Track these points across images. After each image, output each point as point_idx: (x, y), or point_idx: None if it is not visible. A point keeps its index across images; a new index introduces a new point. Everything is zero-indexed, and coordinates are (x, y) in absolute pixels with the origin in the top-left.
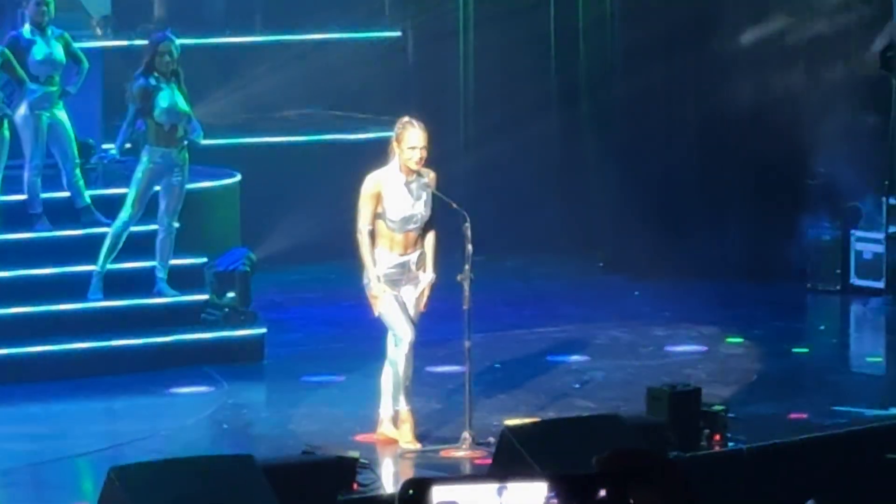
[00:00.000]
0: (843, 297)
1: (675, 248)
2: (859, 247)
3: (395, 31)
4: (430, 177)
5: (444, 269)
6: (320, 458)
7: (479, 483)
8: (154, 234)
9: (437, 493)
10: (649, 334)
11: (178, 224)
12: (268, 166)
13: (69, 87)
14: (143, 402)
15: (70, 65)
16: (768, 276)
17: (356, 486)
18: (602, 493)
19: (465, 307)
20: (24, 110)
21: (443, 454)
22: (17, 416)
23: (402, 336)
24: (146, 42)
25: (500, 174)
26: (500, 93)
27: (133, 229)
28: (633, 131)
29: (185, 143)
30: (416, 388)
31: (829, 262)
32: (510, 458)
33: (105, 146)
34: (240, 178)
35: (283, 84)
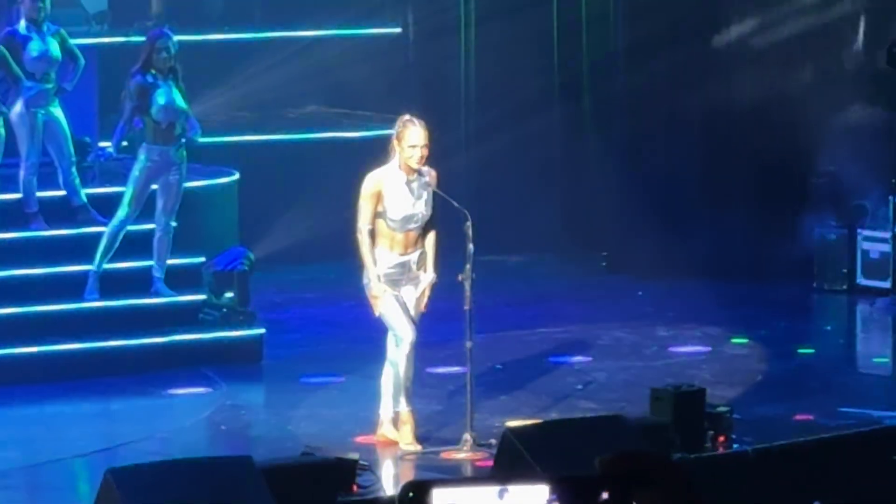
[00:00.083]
0: (849, 296)
1: (679, 247)
2: (866, 246)
3: (396, 28)
4: (431, 175)
5: (445, 268)
6: (320, 460)
7: (479, 485)
8: (151, 233)
9: (438, 496)
10: (653, 335)
11: (175, 223)
12: (266, 164)
13: (65, 84)
14: (140, 403)
15: (66, 62)
16: (774, 276)
17: (356, 488)
18: (604, 495)
19: (466, 307)
20: (19, 108)
21: (444, 456)
22: (12, 417)
23: (403, 336)
24: (143, 39)
25: (502, 171)
26: (501, 89)
27: (130, 228)
28: (636, 127)
29: (183, 141)
30: (417, 389)
31: (835, 261)
32: (512, 460)
33: (101, 144)
34: (238, 176)
35: (282, 81)
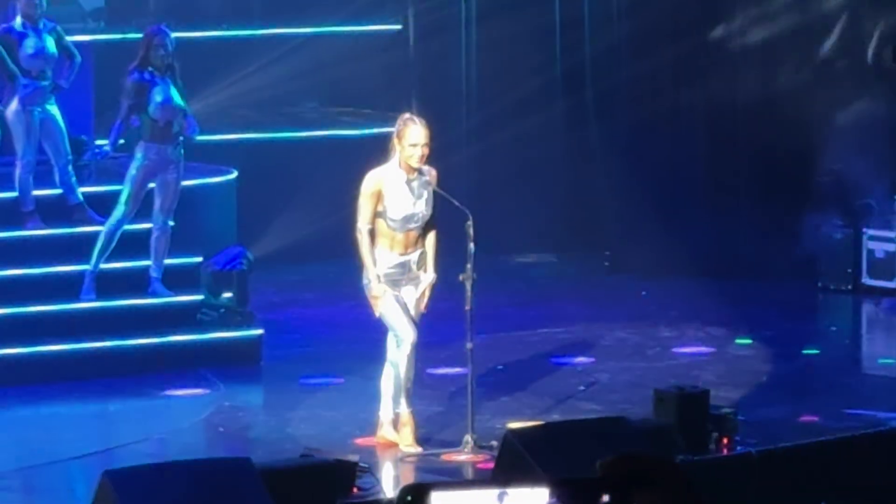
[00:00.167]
0: (854, 296)
1: (683, 246)
2: (871, 245)
3: (396, 24)
4: (432, 175)
5: (446, 268)
6: (319, 462)
7: (479, 488)
8: (148, 232)
9: (436, 499)
10: (656, 335)
11: (172, 222)
12: (265, 163)
13: (61, 82)
14: (137, 404)
15: (62, 59)
16: (778, 276)
17: (356, 490)
18: (605, 497)
19: (467, 307)
20: (15, 105)
21: (444, 458)
22: (7, 419)
23: (403, 337)
24: (140, 36)
25: (502, 168)
26: (503, 84)
27: (127, 228)
28: (638, 122)
29: (181, 139)
30: (417, 391)
31: (841, 260)
32: (513, 463)
33: (98, 142)
34: (236, 174)
35: (280, 79)
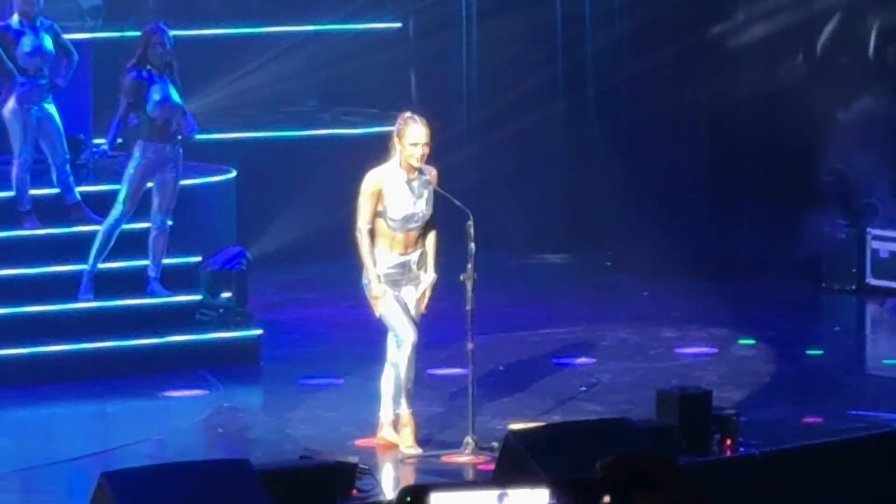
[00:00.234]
0: (858, 296)
1: (685, 246)
2: (875, 245)
3: (396, 22)
4: (432, 174)
5: (446, 268)
6: (318, 464)
7: (478, 489)
8: (146, 232)
9: (436, 501)
10: (658, 336)
11: (171, 222)
12: (264, 162)
13: (58, 80)
14: (135, 405)
15: (59, 57)
16: (781, 276)
17: (355, 492)
18: (606, 498)
19: (467, 308)
20: (12, 104)
21: (445, 459)
22: (5, 420)
23: (404, 337)
24: (138, 34)
25: (503, 167)
26: (504, 82)
27: (125, 227)
28: (640, 120)
29: (179, 137)
30: (418, 391)
31: (844, 260)
32: (514, 464)
33: (96, 141)
34: (235, 174)
35: (280, 77)
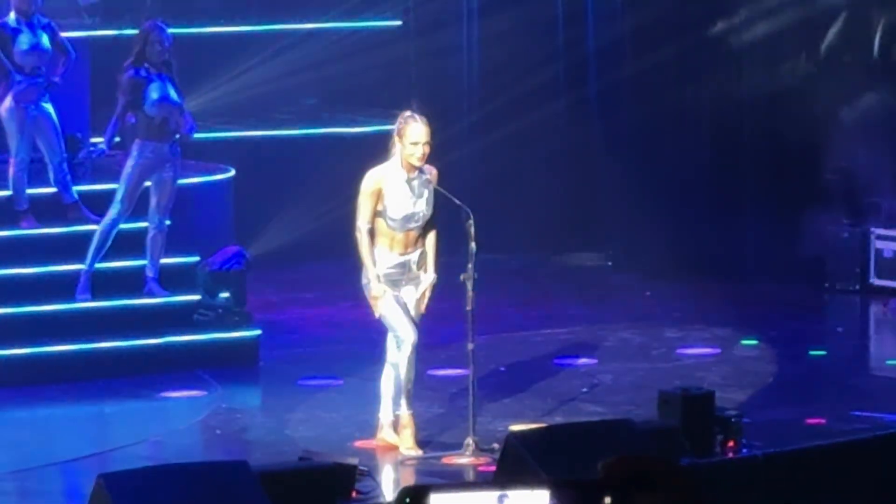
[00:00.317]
0: (862, 297)
1: (688, 245)
2: (879, 245)
3: (396, 20)
4: (433, 174)
5: (447, 268)
6: (318, 465)
7: (478, 490)
8: (144, 231)
9: (435, 501)
10: (661, 336)
11: (169, 221)
12: (263, 161)
13: (55, 78)
14: (133, 406)
15: (56, 55)
16: (784, 276)
17: (355, 493)
18: (607, 499)
19: (468, 308)
20: (9, 102)
21: (445, 461)
22: (2, 420)
23: (404, 338)
24: (136, 32)
25: (504, 165)
26: (505, 80)
27: (122, 227)
28: (642, 118)
29: (177, 136)
30: (418, 392)
31: (848, 260)
32: (515, 465)
33: (93, 140)
34: (234, 173)
35: (279, 75)
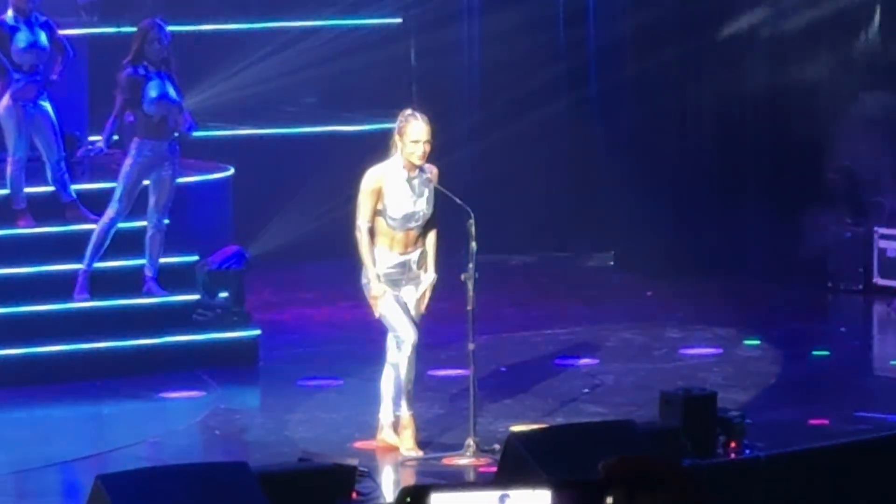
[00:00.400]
0: (865, 296)
1: (690, 245)
2: (882, 244)
3: (396, 18)
4: (433, 172)
5: (447, 268)
6: (317, 466)
7: (479, 490)
8: (143, 230)
9: (436, 501)
10: (662, 336)
11: (168, 220)
12: (262, 159)
13: (53, 76)
14: (131, 407)
15: (54, 53)
16: (787, 275)
17: (355, 494)
18: (609, 500)
19: (468, 308)
20: (6, 101)
21: (445, 462)
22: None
23: (404, 338)
24: (135, 29)
25: (505, 165)
26: (506, 79)
27: (121, 226)
28: (644, 118)
29: (176, 135)
30: (418, 393)
31: (851, 260)
32: (516, 466)
33: (91, 138)
34: (233, 171)
35: (278, 73)
